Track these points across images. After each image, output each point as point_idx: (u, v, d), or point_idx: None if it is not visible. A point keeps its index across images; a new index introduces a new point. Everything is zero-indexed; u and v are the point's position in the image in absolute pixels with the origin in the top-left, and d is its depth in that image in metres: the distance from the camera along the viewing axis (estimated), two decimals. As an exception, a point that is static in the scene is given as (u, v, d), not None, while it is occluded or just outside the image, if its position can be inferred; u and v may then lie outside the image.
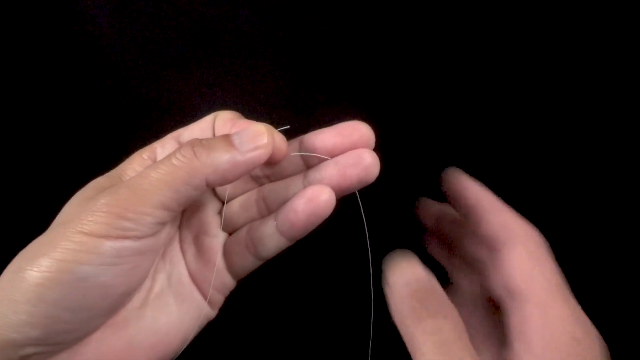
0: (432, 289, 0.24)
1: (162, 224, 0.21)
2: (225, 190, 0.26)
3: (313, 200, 0.23)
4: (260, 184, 0.27)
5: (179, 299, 0.24)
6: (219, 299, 0.26)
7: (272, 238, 0.24)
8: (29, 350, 0.19)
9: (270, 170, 0.26)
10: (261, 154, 0.22)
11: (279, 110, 0.40)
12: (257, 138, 0.22)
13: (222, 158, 0.21)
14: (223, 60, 0.40)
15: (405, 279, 0.24)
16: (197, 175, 0.21)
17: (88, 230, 0.19)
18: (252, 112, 0.40)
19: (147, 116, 0.40)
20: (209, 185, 0.22)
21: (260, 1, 0.40)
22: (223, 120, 0.26)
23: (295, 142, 0.26)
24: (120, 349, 0.21)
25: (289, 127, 0.26)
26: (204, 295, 0.24)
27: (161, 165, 0.21)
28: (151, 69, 0.40)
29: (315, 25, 0.40)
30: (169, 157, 0.21)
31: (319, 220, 0.24)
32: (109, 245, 0.19)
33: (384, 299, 0.25)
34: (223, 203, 0.26)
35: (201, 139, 0.22)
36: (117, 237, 0.20)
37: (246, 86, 0.40)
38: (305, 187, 0.24)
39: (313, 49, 0.40)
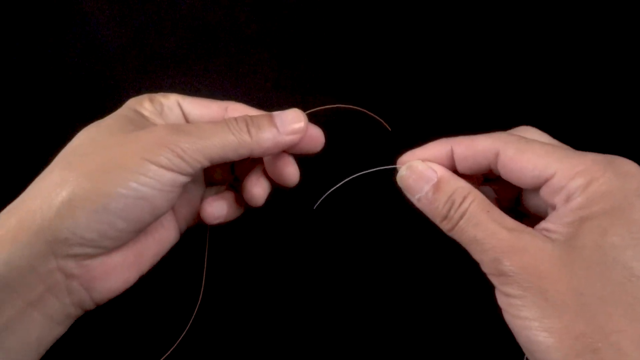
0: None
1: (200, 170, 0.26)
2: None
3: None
4: None
5: (160, 224, 0.29)
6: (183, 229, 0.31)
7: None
8: (77, 250, 0.23)
9: None
10: (296, 138, 0.27)
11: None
12: (295, 122, 0.27)
13: (267, 137, 0.27)
14: (223, 59, 0.40)
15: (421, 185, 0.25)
16: (245, 147, 0.26)
17: (155, 160, 0.24)
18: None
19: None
20: (251, 156, 0.27)
21: (260, 1, 0.40)
22: (237, 113, 0.29)
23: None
24: (135, 256, 0.27)
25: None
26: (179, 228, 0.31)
27: (219, 129, 0.26)
28: (151, 69, 0.41)
29: (315, 25, 0.40)
30: (224, 123, 0.26)
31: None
32: (169, 176, 0.24)
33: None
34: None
35: (251, 117, 0.27)
36: (175, 171, 0.25)
37: (246, 86, 0.40)
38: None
39: (313, 49, 0.40)
